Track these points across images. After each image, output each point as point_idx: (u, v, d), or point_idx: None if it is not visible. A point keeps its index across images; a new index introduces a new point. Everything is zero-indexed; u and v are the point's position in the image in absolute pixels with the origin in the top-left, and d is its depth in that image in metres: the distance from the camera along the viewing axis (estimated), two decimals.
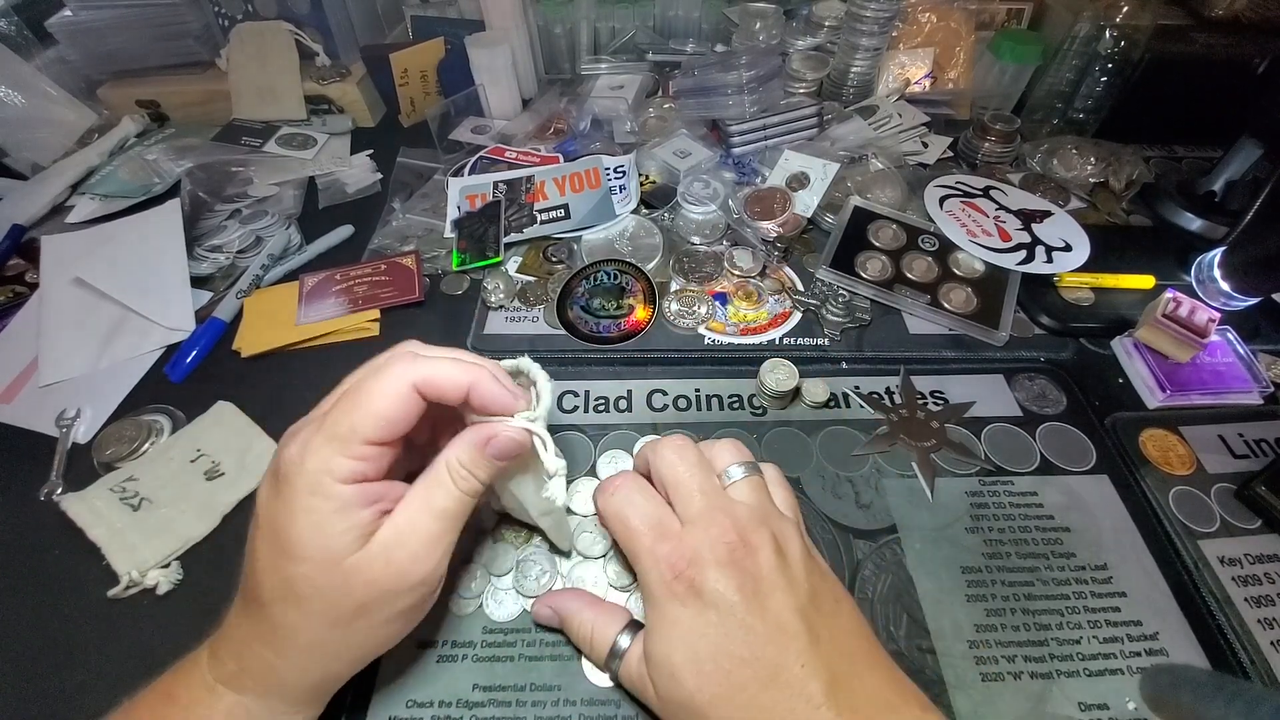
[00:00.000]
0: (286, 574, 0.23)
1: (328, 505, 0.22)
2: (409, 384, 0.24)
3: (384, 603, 0.24)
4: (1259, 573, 0.32)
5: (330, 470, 0.22)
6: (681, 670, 0.23)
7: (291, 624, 0.23)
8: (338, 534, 0.22)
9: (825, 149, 0.56)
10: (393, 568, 0.23)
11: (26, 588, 0.33)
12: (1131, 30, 0.56)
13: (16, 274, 0.51)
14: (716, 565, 0.24)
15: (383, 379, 0.24)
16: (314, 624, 0.23)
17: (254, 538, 0.24)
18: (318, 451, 0.23)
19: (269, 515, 0.23)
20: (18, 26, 0.66)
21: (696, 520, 0.26)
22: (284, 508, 0.23)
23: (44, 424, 0.40)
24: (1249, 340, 0.42)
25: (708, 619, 0.23)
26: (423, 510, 0.24)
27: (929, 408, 0.39)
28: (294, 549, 0.22)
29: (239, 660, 0.24)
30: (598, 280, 0.47)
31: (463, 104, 0.64)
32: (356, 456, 0.23)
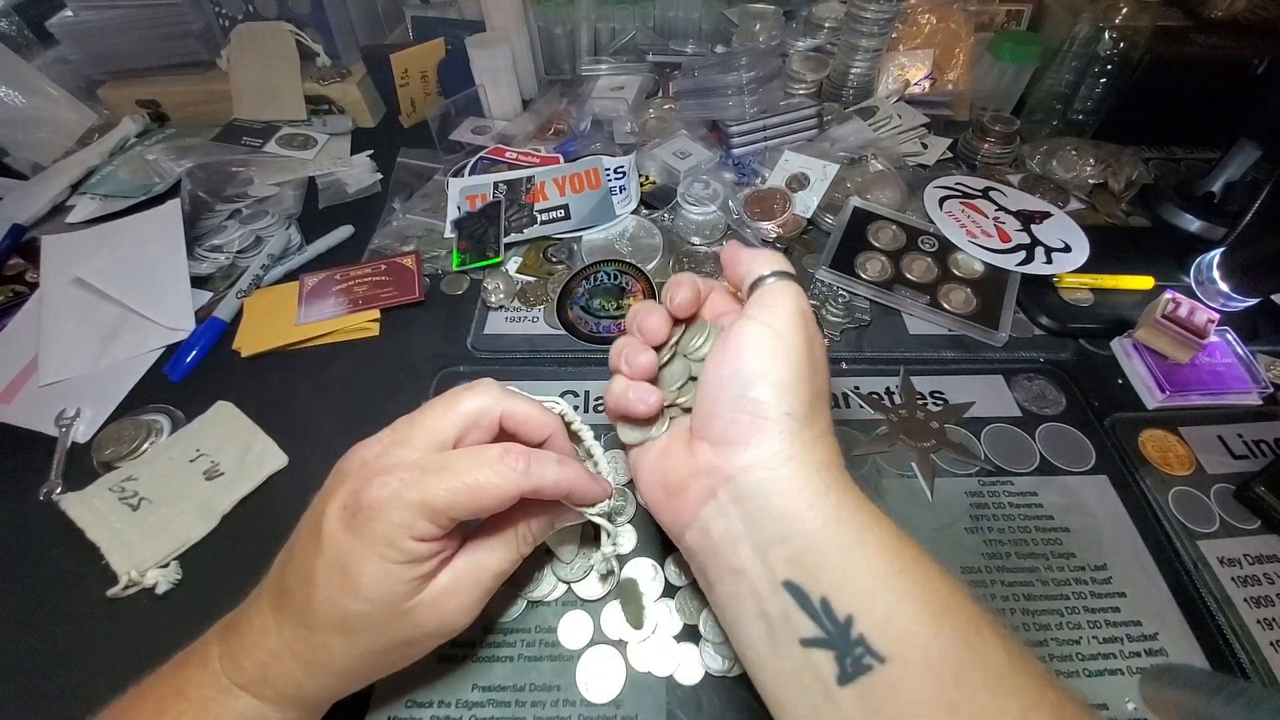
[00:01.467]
0: (346, 609, 0.23)
1: (400, 556, 0.23)
2: (518, 490, 0.24)
3: (423, 642, 0.25)
4: (1258, 573, 0.32)
5: (413, 530, 0.23)
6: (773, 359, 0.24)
7: (336, 652, 0.23)
8: (404, 582, 0.23)
9: (825, 150, 0.56)
10: (443, 616, 0.24)
11: (26, 587, 0.33)
12: (1131, 31, 0.56)
13: (16, 273, 0.51)
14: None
15: (501, 480, 0.23)
16: (355, 654, 0.23)
17: (314, 560, 0.23)
18: (407, 512, 0.22)
19: (339, 549, 0.23)
20: (18, 26, 0.66)
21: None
22: (357, 547, 0.22)
23: (43, 424, 0.40)
24: (1248, 341, 0.42)
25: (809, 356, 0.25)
26: (484, 568, 0.26)
27: (929, 408, 0.40)
28: (361, 590, 0.22)
29: (264, 671, 0.23)
30: (598, 280, 0.47)
31: (463, 104, 0.64)
32: (442, 527, 0.23)
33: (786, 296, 0.25)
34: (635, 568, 0.33)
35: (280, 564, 0.25)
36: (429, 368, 0.42)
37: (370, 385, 0.42)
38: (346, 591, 0.22)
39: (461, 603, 0.25)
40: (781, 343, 0.24)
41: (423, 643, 0.25)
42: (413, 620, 0.24)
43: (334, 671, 0.24)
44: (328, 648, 0.23)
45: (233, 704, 0.23)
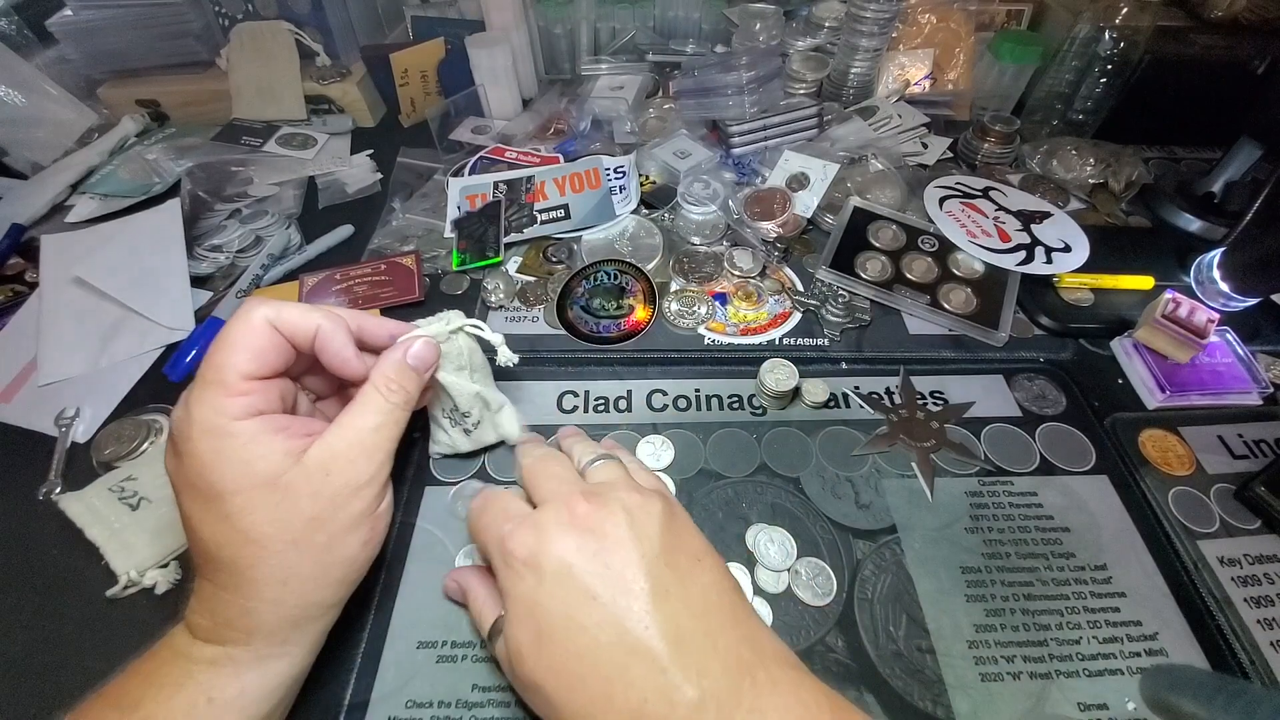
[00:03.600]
0: (223, 513, 0.23)
1: (234, 442, 0.23)
2: (262, 318, 0.25)
3: (334, 509, 0.25)
4: (1258, 573, 0.32)
5: (220, 411, 0.23)
6: (526, 647, 0.23)
7: (248, 559, 0.23)
8: (258, 459, 0.23)
9: (825, 149, 0.56)
10: (333, 477, 0.25)
11: (25, 587, 0.33)
12: (1131, 31, 0.56)
13: (16, 273, 0.51)
14: (559, 532, 0.24)
15: (236, 320, 0.25)
16: (270, 550, 0.23)
17: (181, 507, 0.24)
18: (199, 401, 0.23)
19: (182, 477, 0.24)
20: (18, 26, 0.66)
21: (547, 499, 0.26)
22: (191, 462, 0.23)
23: (43, 423, 0.40)
24: (1248, 341, 0.42)
25: (548, 589, 0.23)
26: (353, 425, 0.26)
27: (929, 408, 0.39)
28: (219, 487, 0.23)
29: (212, 615, 0.24)
30: (598, 280, 0.47)
31: (463, 104, 0.64)
32: (239, 393, 0.24)
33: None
34: None
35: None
36: None
37: None
38: (210, 500, 0.23)
39: (349, 460, 0.25)
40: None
41: (335, 513, 0.25)
42: (304, 491, 0.24)
43: (265, 580, 0.24)
44: (241, 559, 0.23)
45: (199, 653, 0.24)
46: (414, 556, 0.33)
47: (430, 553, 0.33)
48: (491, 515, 0.27)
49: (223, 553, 0.23)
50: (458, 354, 0.34)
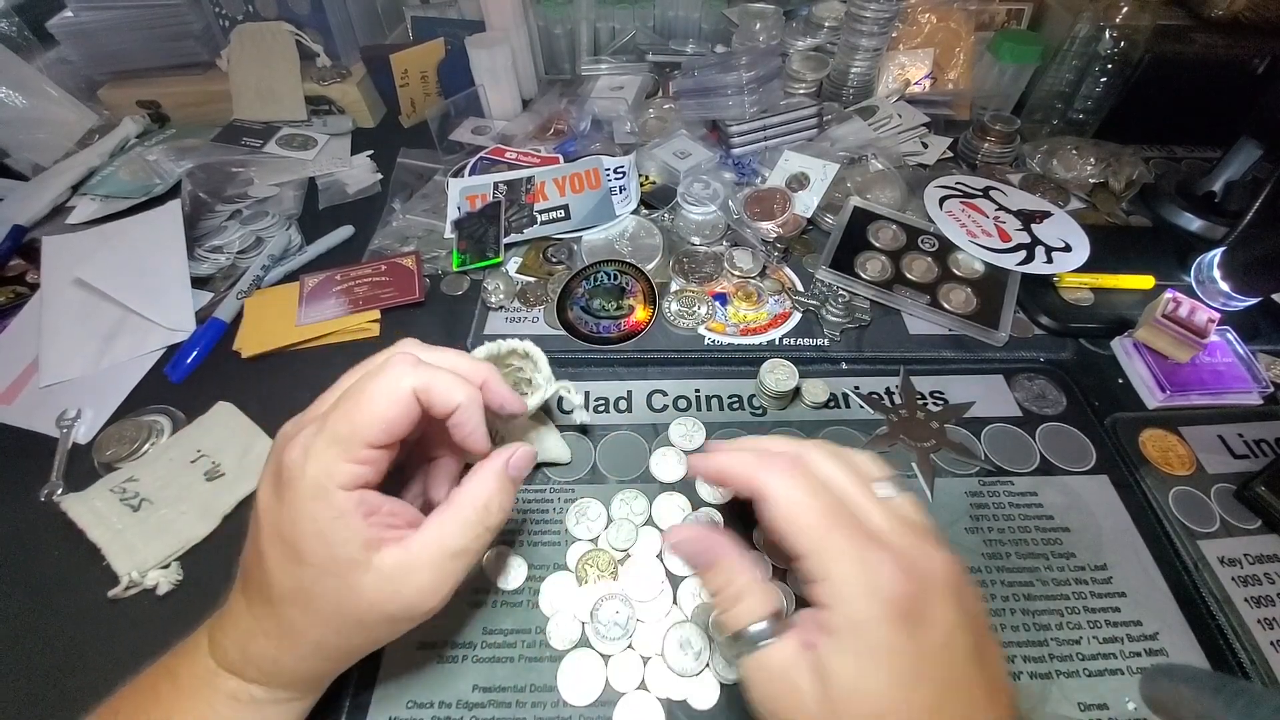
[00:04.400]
0: (297, 577, 0.23)
1: (329, 512, 0.22)
2: (410, 389, 0.24)
3: (387, 625, 0.24)
4: (1259, 573, 0.32)
5: (332, 475, 0.22)
6: (880, 703, 0.20)
7: (299, 625, 0.23)
8: (340, 542, 0.22)
9: (825, 149, 0.56)
10: (400, 599, 0.23)
11: (26, 588, 0.33)
12: (1131, 31, 0.56)
13: (17, 274, 0.51)
14: (943, 593, 0.21)
15: (384, 382, 0.24)
16: (319, 627, 0.23)
17: (258, 538, 0.24)
18: (320, 456, 0.22)
19: (274, 520, 0.23)
20: (19, 27, 0.66)
21: (890, 536, 0.22)
22: (288, 513, 0.23)
23: (44, 424, 0.40)
24: (1248, 340, 0.42)
25: (933, 657, 0.20)
26: (438, 545, 0.24)
27: (929, 408, 0.39)
28: (302, 554, 0.22)
29: (243, 652, 0.24)
30: (598, 281, 0.47)
31: (463, 104, 0.64)
32: (358, 460, 0.23)
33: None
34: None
35: (244, 550, 0.25)
36: None
37: None
38: (292, 558, 0.23)
39: (419, 587, 0.23)
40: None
41: (386, 627, 0.24)
42: (368, 600, 0.23)
43: (303, 645, 0.24)
44: (290, 620, 0.23)
45: (221, 684, 0.24)
46: None
47: None
48: (831, 510, 0.22)
49: (281, 606, 0.23)
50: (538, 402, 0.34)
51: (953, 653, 0.20)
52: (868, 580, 0.21)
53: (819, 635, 0.21)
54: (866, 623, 0.20)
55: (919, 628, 0.20)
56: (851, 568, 0.21)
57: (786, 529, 0.22)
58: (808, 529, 0.22)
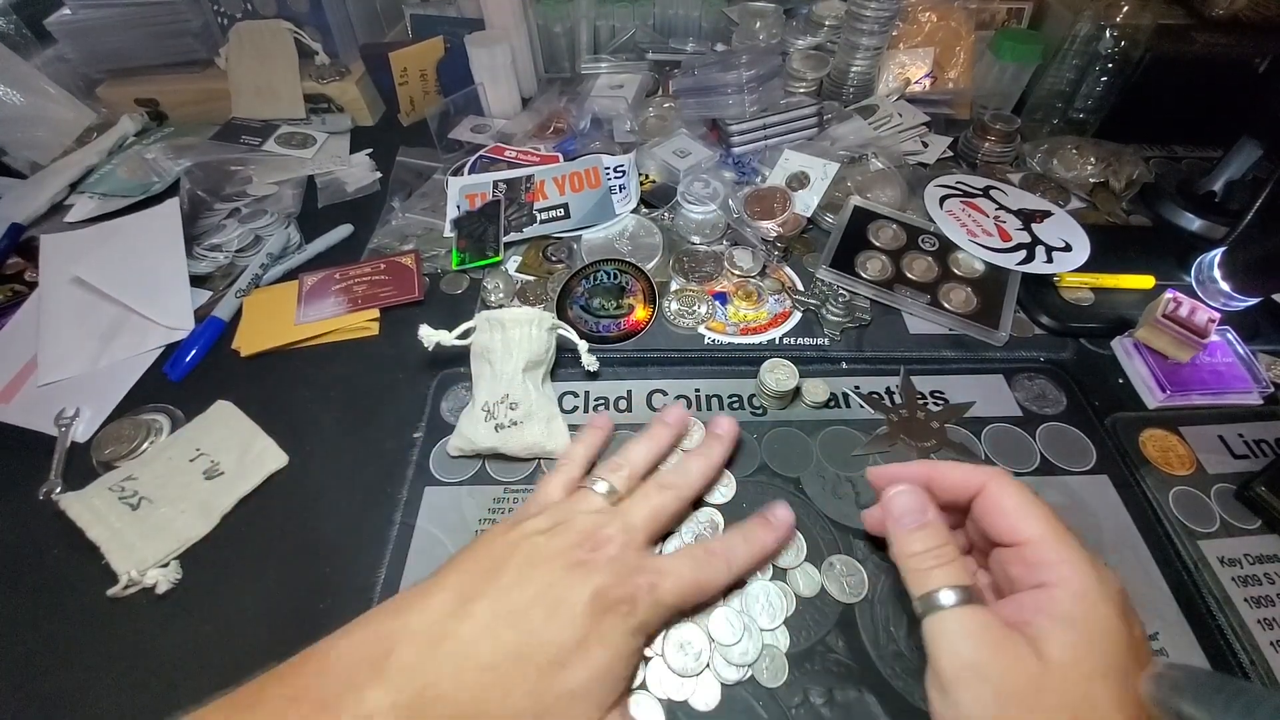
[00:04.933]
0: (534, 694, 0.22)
1: (630, 651, 0.24)
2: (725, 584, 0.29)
3: None
4: (1259, 573, 0.32)
5: (646, 626, 0.25)
6: (1093, 677, 0.21)
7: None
8: (608, 690, 0.24)
9: (825, 149, 0.55)
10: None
11: (25, 587, 0.33)
12: (1132, 30, 0.55)
13: (15, 273, 0.51)
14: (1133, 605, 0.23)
15: (715, 575, 0.28)
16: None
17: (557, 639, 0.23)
18: (652, 608, 0.25)
19: (586, 634, 0.23)
20: (16, 25, 0.66)
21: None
22: (600, 637, 0.24)
23: (43, 423, 0.40)
24: (1249, 340, 0.42)
25: (1138, 648, 0.22)
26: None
27: (929, 408, 0.39)
28: (568, 681, 0.23)
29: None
30: (597, 280, 0.47)
31: (462, 103, 0.64)
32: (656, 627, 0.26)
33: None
34: None
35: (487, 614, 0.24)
36: (429, 368, 0.42)
37: (370, 385, 0.42)
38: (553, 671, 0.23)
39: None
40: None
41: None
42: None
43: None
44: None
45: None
46: (414, 556, 0.33)
47: (430, 553, 0.33)
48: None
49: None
50: (544, 349, 0.36)
51: (1145, 652, 0.22)
52: (1097, 573, 0.23)
53: (1033, 614, 0.22)
54: (1096, 605, 0.22)
55: (1132, 623, 0.22)
56: (1083, 558, 0.23)
57: (1022, 513, 0.24)
58: (1043, 518, 0.24)
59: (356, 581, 0.32)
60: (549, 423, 0.37)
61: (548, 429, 0.37)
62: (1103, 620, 0.22)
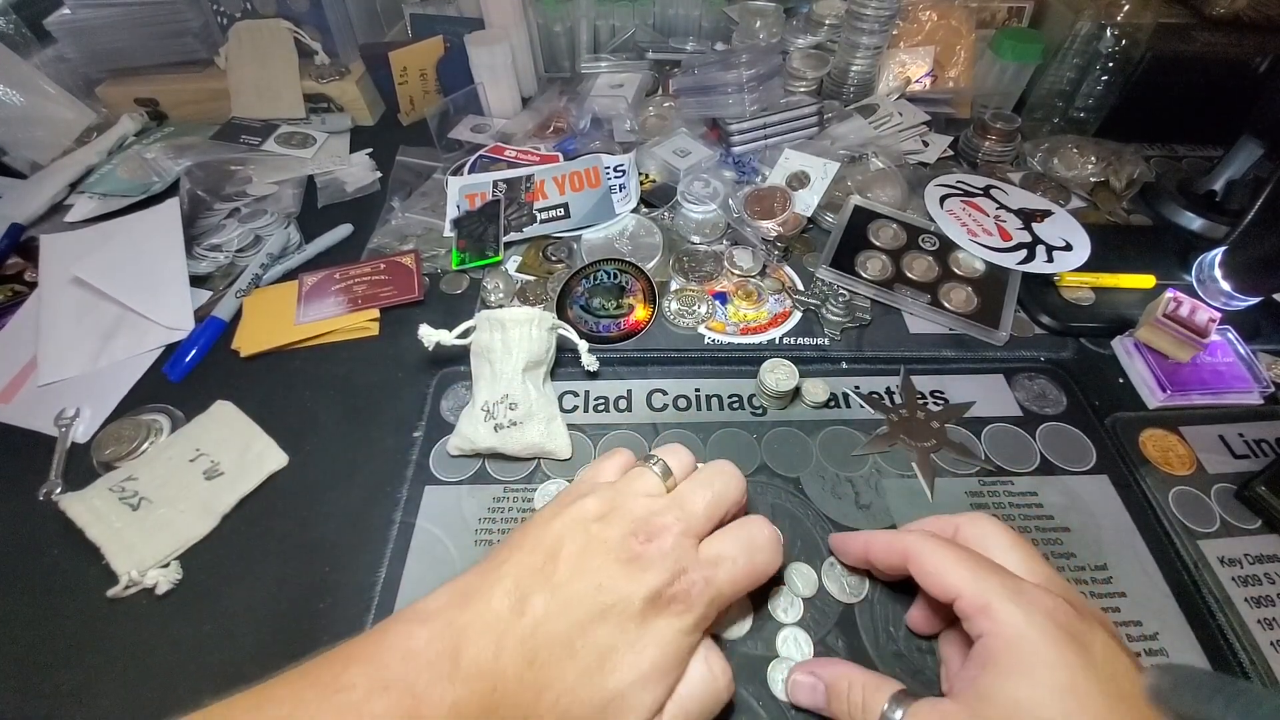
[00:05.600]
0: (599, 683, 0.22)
1: (688, 646, 0.23)
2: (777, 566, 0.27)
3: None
4: (1259, 573, 0.32)
5: (705, 620, 0.24)
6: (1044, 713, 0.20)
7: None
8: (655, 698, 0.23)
9: (825, 148, 0.55)
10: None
11: (25, 587, 0.33)
12: (1132, 29, 0.55)
13: (15, 273, 0.51)
14: (1103, 627, 0.22)
15: (773, 558, 0.27)
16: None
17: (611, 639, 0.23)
18: (707, 604, 0.24)
19: (638, 634, 0.23)
20: (16, 25, 0.66)
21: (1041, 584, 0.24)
22: (656, 635, 0.23)
23: (43, 423, 0.40)
24: (1249, 340, 0.42)
25: (1097, 674, 0.20)
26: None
27: (929, 408, 0.39)
28: (618, 681, 0.22)
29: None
30: (597, 279, 0.47)
31: (462, 102, 0.64)
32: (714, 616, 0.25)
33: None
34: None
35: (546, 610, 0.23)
36: (428, 367, 0.42)
37: (369, 385, 0.42)
38: (601, 671, 0.22)
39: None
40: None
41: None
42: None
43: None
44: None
45: None
46: (414, 556, 0.33)
47: (430, 552, 0.33)
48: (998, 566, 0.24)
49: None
50: (544, 349, 0.36)
51: (1117, 676, 0.21)
52: (1028, 601, 0.22)
53: (978, 670, 0.21)
54: (1028, 635, 0.21)
55: (1082, 648, 0.21)
56: (1012, 592, 0.22)
57: (942, 571, 0.24)
58: (960, 564, 0.23)
59: (356, 581, 0.32)
60: (549, 423, 0.37)
61: (547, 429, 0.37)
62: (1039, 649, 0.20)
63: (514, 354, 0.37)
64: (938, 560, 0.24)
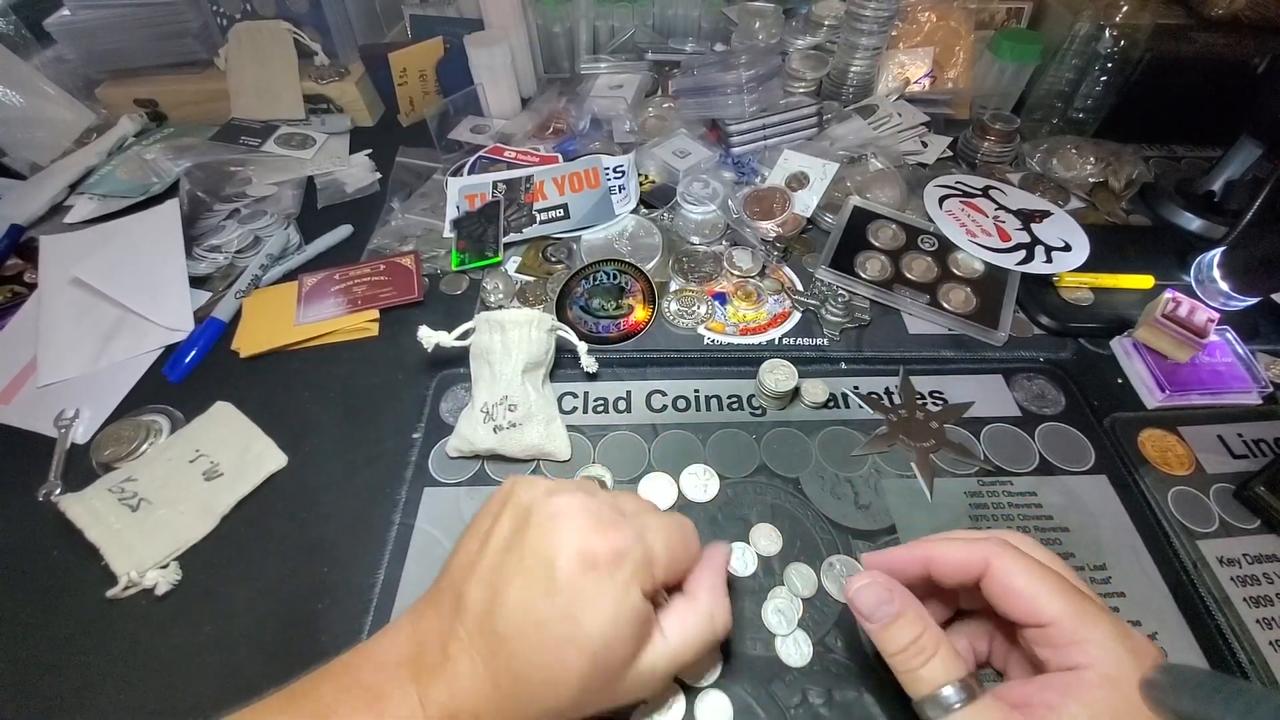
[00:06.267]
0: (570, 664, 0.22)
1: (630, 616, 0.22)
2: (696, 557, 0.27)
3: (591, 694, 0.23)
4: (1257, 573, 0.32)
5: (643, 580, 0.23)
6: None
7: (543, 703, 0.22)
8: (627, 639, 0.22)
9: (825, 149, 0.55)
10: (647, 687, 0.24)
11: (25, 588, 0.33)
12: (1131, 30, 0.55)
13: (15, 274, 0.51)
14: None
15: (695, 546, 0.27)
16: (558, 705, 0.22)
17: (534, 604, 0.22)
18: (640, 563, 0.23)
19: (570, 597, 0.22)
20: (16, 26, 0.66)
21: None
22: (588, 598, 0.22)
23: (43, 424, 0.40)
24: (1248, 340, 0.42)
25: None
26: (679, 656, 0.24)
27: (928, 408, 0.39)
28: (586, 643, 0.22)
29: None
30: (597, 280, 0.47)
31: (461, 103, 0.64)
32: (654, 587, 0.24)
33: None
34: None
35: (484, 600, 0.23)
36: (428, 369, 0.42)
37: (369, 385, 0.42)
38: (571, 643, 0.22)
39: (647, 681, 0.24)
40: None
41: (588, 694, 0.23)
42: (622, 689, 0.23)
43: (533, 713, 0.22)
44: (535, 701, 0.22)
45: None
46: (413, 557, 0.33)
47: (430, 553, 0.33)
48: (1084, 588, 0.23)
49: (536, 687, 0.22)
50: (544, 350, 0.36)
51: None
52: (1129, 642, 0.21)
53: (1059, 696, 0.21)
54: (1128, 685, 0.20)
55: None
56: (1114, 628, 0.21)
57: (1035, 592, 0.22)
58: (1060, 593, 0.22)
59: (355, 582, 0.32)
60: (548, 424, 0.37)
61: (547, 431, 0.37)
62: (1135, 701, 0.20)
63: (513, 355, 0.37)
64: (1028, 580, 0.22)
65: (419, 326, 0.39)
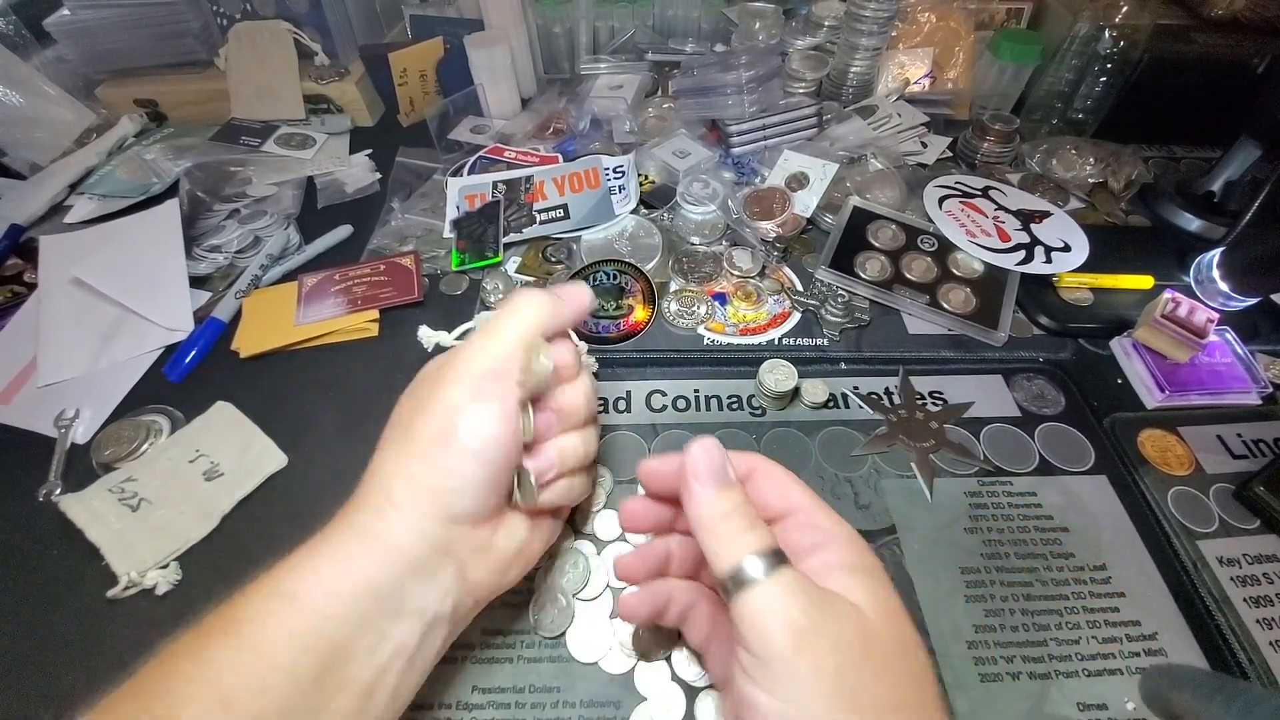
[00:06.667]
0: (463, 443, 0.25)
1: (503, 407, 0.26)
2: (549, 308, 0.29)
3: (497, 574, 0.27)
4: (1257, 573, 0.32)
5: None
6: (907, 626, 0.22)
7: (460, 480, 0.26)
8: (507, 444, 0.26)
9: (825, 149, 0.56)
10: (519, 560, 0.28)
11: (25, 588, 0.33)
12: (1131, 30, 0.56)
13: (15, 274, 0.51)
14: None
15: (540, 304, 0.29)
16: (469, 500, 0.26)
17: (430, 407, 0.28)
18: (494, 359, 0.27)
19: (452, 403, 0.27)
20: (16, 26, 0.66)
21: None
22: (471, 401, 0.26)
23: (43, 424, 0.40)
24: (1248, 340, 0.42)
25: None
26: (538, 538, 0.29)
27: (928, 408, 0.39)
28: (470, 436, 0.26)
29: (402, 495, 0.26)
30: (597, 280, 0.47)
31: (462, 103, 0.64)
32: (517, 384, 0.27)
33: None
34: None
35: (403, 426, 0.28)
36: None
37: (369, 386, 0.42)
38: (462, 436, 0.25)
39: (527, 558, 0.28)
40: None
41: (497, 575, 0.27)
42: (496, 542, 0.26)
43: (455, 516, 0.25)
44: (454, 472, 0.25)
45: (396, 519, 0.25)
46: None
47: None
48: None
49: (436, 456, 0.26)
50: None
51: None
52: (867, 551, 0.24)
53: (825, 571, 0.22)
54: (870, 553, 0.24)
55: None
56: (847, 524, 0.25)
57: (791, 484, 0.26)
58: (809, 492, 0.25)
59: None
60: None
61: None
62: (880, 567, 0.23)
63: None
64: (788, 477, 0.26)
65: (419, 326, 0.38)
